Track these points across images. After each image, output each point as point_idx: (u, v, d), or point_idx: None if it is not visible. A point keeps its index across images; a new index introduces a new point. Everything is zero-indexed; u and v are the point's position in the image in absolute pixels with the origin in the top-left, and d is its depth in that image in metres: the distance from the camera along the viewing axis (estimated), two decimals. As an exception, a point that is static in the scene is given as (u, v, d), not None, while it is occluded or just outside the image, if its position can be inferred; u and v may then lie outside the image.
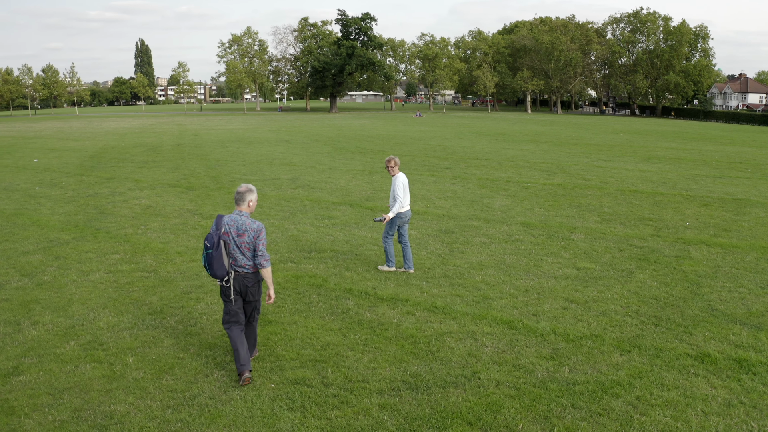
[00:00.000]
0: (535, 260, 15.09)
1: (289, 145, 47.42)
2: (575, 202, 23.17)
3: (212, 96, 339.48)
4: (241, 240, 8.86)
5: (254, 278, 9.04)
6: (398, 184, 13.60)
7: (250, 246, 8.89)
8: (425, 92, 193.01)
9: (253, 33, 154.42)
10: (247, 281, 9.01)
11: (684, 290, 12.99)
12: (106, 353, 9.83)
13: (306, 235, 17.57)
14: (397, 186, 13.59)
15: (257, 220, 9.07)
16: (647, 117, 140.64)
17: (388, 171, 13.71)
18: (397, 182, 13.63)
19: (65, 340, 10.37)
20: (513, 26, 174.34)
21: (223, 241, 8.82)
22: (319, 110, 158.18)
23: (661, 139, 58.91)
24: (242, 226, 8.87)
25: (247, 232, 8.85)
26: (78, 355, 9.77)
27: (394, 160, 13.70)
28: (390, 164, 13.68)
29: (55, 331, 10.72)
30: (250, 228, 8.87)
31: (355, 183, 27.44)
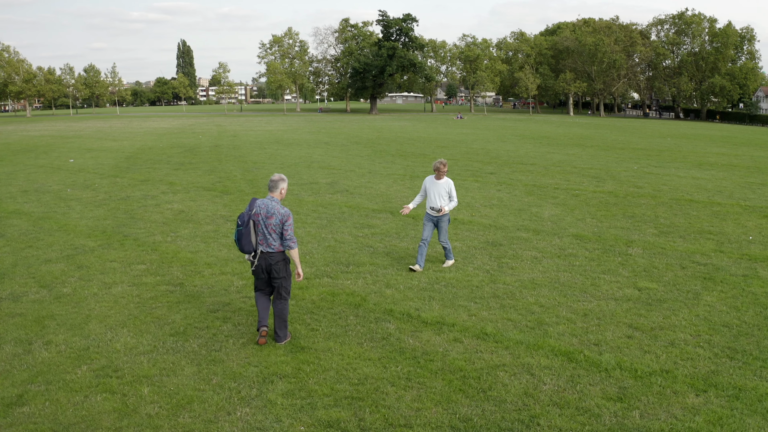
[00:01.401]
0: (591, 278, 13.90)
1: (328, 147, 46.47)
2: (629, 212, 21.90)
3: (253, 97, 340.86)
4: (269, 222, 9.91)
5: (279, 257, 10.03)
6: (452, 186, 14.23)
7: (276, 228, 9.92)
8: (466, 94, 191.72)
9: (293, 34, 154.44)
10: (272, 259, 10.00)
11: (757, 316, 11.75)
12: (119, 382, 8.86)
13: (344, 245, 16.52)
14: (452, 187, 14.21)
15: (285, 207, 10.34)
16: (692, 120, 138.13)
17: (437, 173, 14.14)
18: (451, 185, 14.23)
19: (77, 364, 9.44)
20: (555, 27, 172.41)
21: (252, 221, 9.97)
22: (359, 111, 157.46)
23: (710, 144, 57.11)
24: (271, 210, 9.92)
25: (275, 216, 9.89)
26: (89, 383, 8.83)
27: (446, 165, 14.23)
28: (442, 168, 14.12)
29: (67, 353, 9.81)
30: (278, 212, 9.90)
31: (396, 188, 26.36)
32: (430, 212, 14.29)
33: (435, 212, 14.14)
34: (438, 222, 14.32)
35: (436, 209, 14.10)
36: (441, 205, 14.10)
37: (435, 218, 14.28)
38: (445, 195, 14.16)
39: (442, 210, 14.07)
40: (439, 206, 14.08)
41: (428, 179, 14.39)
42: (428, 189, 14.31)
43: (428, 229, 14.30)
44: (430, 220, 14.34)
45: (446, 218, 14.37)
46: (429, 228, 14.31)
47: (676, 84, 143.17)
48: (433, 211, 14.18)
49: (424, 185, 14.44)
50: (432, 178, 14.31)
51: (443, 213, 14.14)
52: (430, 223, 14.34)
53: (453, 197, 14.22)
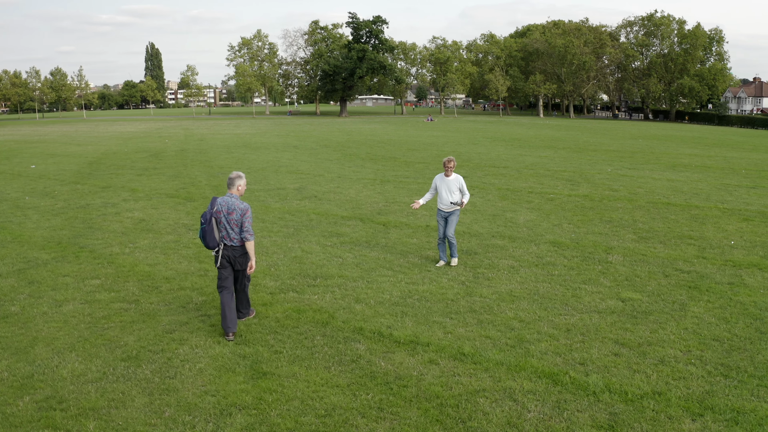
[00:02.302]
0: (572, 289, 13.20)
1: (297, 151, 45.55)
2: (606, 216, 21.28)
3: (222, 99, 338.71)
4: (231, 218, 10.52)
5: (241, 250, 10.67)
6: (462, 182, 14.73)
7: (237, 223, 10.56)
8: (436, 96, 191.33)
9: (263, 36, 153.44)
10: (235, 252, 10.64)
11: (747, 328, 11.12)
12: (63, 415, 8.02)
13: (311, 256, 15.69)
14: (463, 183, 14.75)
15: (245, 202, 10.71)
16: (661, 121, 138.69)
17: (446, 170, 14.61)
18: (461, 180, 14.74)
19: (20, 394, 8.59)
20: (525, 29, 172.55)
21: (214, 219, 10.55)
22: (329, 114, 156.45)
23: (682, 145, 56.89)
24: (232, 206, 10.53)
25: (236, 211, 10.52)
26: (31, 417, 7.98)
27: (454, 162, 14.63)
28: (450, 165, 14.56)
29: (10, 381, 8.95)
30: (238, 207, 10.53)
31: (366, 194, 25.56)
32: (442, 208, 14.80)
33: (452, 206, 14.67)
34: (448, 216, 14.79)
35: (456, 203, 14.63)
36: (456, 199, 14.63)
37: (446, 214, 14.78)
38: (456, 191, 14.66)
39: (462, 203, 14.69)
40: (457, 200, 14.63)
41: (438, 177, 14.87)
42: (439, 186, 14.80)
43: (442, 226, 14.89)
44: (442, 217, 14.86)
45: (456, 213, 14.83)
46: (443, 225, 14.89)
47: (645, 85, 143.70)
48: (449, 206, 14.69)
49: (434, 183, 14.94)
50: (442, 175, 14.80)
51: (462, 206, 14.76)
52: (443, 219, 14.87)
53: (465, 192, 14.75)
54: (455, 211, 14.83)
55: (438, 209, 14.97)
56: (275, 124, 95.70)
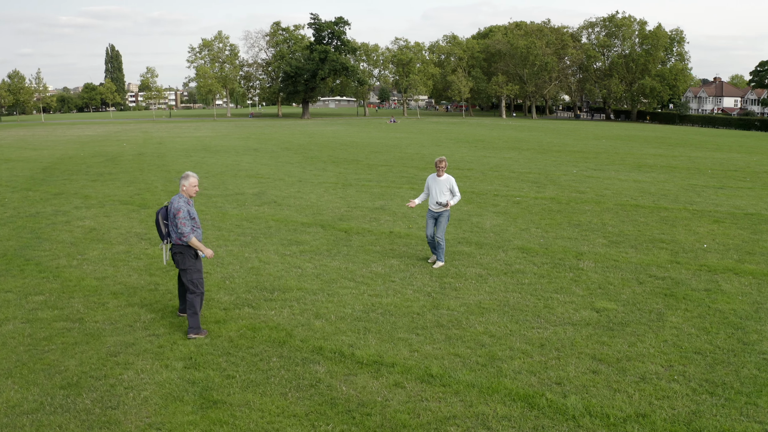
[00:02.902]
0: (543, 299, 12.55)
1: (257, 154, 44.51)
2: (574, 219, 20.72)
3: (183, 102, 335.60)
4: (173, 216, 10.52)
5: (177, 249, 10.64)
6: (453, 182, 14.83)
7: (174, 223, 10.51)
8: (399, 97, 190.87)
9: (224, 37, 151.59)
10: (173, 250, 10.72)
11: (729, 338, 10.56)
12: (-11, 455, 7.17)
13: (269, 267, 14.86)
14: (454, 183, 14.83)
15: (183, 203, 10.61)
16: (622, 121, 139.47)
17: (438, 171, 14.71)
18: (452, 181, 14.81)
19: (-57, 430, 7.71)
20: (487, 31, 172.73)
21: (160, 215, 10.82)
22: (291, 116, 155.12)
23: (646, 145, 56.79)
24: (172, 205, 10.61)
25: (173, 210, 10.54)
26: (-48, 457, 7.12)
27: (445, 162, 14.73)
28: (442, 165, 14.64)
29: (-66, 415, 8.06)
30: (174, 207, 10.54)
31: (328, 198, 24.75)
32: (432, 208, 14.89)
33: (441, 206, 14.71)
34: (438, 217, 14.85)
35: (442, 203, 14.65)
36: (445, 199, 14.65)
37: (436, 214, 14.86)
38: (446, 191, 14.73)
39: (448, 204, 14.64)
40: (445, 200, 14.63)
41: (430, 177, 15.03)
42: (430, 186, 14.93)
43: (431, 226, 14.97)
44: (432, 217, 14.95)
45: (446, 215, 14.86)
46: (431, 225, 14.97)
47: (606, 86, 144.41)
48: (438, 206, 14.74)
49: (427, 183, 15.09)
50: (434, 176, 14.93)
51: (448, 207, 14.72)
52: (432, 219, 14.95)
53: (455, 192, 14.86)
54: (444, 213, 14.83)
55: (428, 209, 15.06)
56: (236, 127, 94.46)
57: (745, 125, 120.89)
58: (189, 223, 10.56)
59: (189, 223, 10.56)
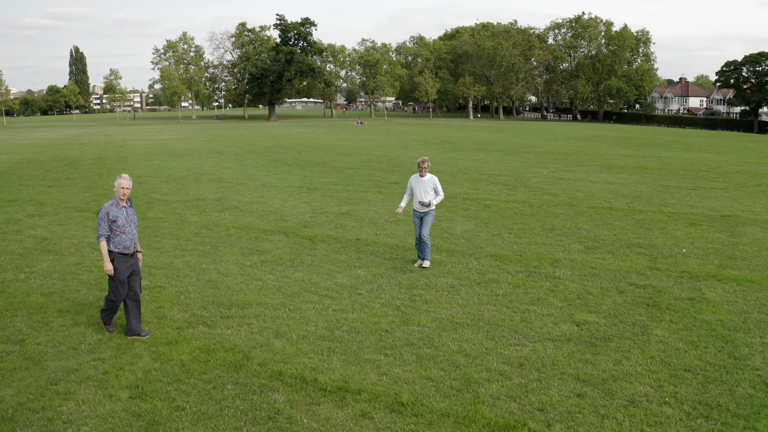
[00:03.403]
0: (520, 312, 11.77)
1: (220, 158, 43.33)
2: (547, 224, 20.02)
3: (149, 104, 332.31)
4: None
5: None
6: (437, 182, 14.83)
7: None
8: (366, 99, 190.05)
9: (188, 39, 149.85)
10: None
11: (719, 353, 9.87)
12: None
13: (227, 279, 13.92)
14: (437, 183, 14.83)
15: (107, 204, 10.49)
16: (589, 122, 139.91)
17: (421, 171, 14.69)
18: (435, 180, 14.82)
19: None
20: (454, 32, 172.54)
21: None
22: (257, 118, 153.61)
23: (614, 145, 56.46)
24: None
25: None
26: None
27: (428, 162, 14.72)
28: (424, 165, 14.63)
29: None
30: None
31: (292, 203, 23.81)
32: (417, 208, 14.80)
33: (424, 206, 14.63)
34: (423, 216, 14.74)
35: (424, 203, 14.58)
36: (429, 199, 14.58)
37: (421, 214, 14.76)
38: (430, 191, 14.67)
39: (431, 204, 14.60)
40: (428, 200, 14.57)
41: (413, 178, 14.96)
42: (414, 187, 14.85)
43: (418, 227, 14.82)
44: (418, 217, 14.84)
45: (431, 214, 14.78)
46: (418, 225, 14.82)
47: (573, 86, 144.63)
48: (421, 206, 14.68)
49: (409, 184, 15.03)
50: (416, 176, 14.88)
51: (431, 207, 14.67)
52: (418, 219, 14.84)
53: (439, 191, 14.80)
54: (430, 212, 14.77)
55: (413, 210, 14.94)
56: (201, 129, 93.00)
57: (711, 125, 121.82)
58: (105, 225, 10.31)
59: (105, 225, 10.31)
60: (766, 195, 26.84)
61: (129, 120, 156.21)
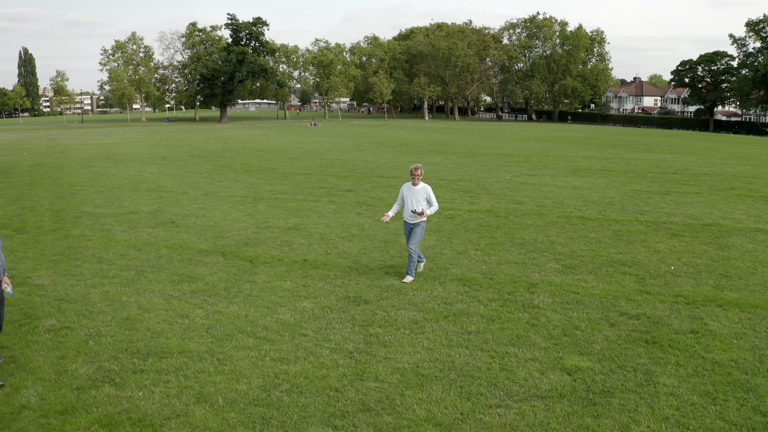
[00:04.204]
0: (498, 356, 9.79)
1: (164, 163, 40.59)
2: (517, 237, 18.12)
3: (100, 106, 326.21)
4: None
5: None
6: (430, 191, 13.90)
7: None
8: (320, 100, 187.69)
9: (138, 39, 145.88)
10: None
11: (743, 408, 8.12)
12: None
13: (149, 317, 11.67)
14: (431, 192, 13.89)
15: None
16: (545, 122, 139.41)
17: (413, 179, 13.80)
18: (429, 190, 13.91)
19: None
20: (409, 32, 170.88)
21: None
22: (209, 120, 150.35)
23: (575, 146, 54.96)
24: None
25: None
26: None
27: (421, 170, 13.83)
28: (418, 173, 13.75)
29: None
30: None
31: (234, 216, 21.51)
32: (408, 218, 13.95)
33: (415, 216, 13.80)
34: (413, 227, 13.93)
35: (417, 212, 13.71)
36: (421, 208, 13.71)
37: (412, 225, 13.95)
38: (423, 201, 13.82)
39: (424, 213, 13.71)
40: (420, 209, 13.69)
41: (405, 186, 14.08)
42: (405, 196, 13.98)
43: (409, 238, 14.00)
44: (408, 228, 14.04)
45: (422, 225, 13.94)
46: (409, 237, 14.01)
47: (528, 86, 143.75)
48: (413, 216, 13.84)
49: (401, 192, 14.14)
50: (409, 184, 13.99)
51: (424, 217, 13.80)
52: (409, 231, 14.03)
53: (432, 202, 13.92)
54: (420, 223, 13.92)
55: (404, 220, 14.11)
56: (149, 132, 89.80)
57: (667, 124, 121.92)
58: None
59: None
60: (742, 199, 25.33)
61: (77, 123, 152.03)
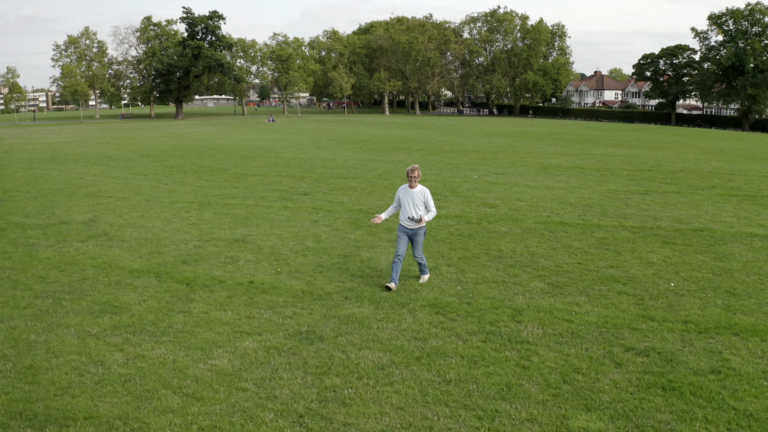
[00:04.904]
0: (487, 418, 7.81)
1: (109, 164, 37.67)
2: (493, 247, 16.18)
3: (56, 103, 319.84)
4: None
5: None
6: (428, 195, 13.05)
7: None
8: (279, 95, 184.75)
9: (91, 34, 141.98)
10: None
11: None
12: None
13: (57, 364, 9.39)
14: (429, 196, 13.05)
15: None
16: (506, 116, 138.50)
17: (410, 181, 12.88)
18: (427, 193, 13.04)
19: None
20: (369, 26, 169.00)
21: None
22: (165, 116, 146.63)
23: (541, 142, 53.32)
24: None
25: None
26: None
27: (419, 171, 12.96)
28: (415, 174, 12.87)
29: None
30: None
31: (176, 226, 19.17)
32: (405, 224, 13.05)
33: (413, 223, 12.91)
34: (413, 236, 13.11)
35: (414, 219, 12.84)
36: (420, 214, 12.82)
37: (410, 231, 13.06)
38: (420, 205, 12.96)
39: (422, 220, 12.84)
40: (418, 216, 12.83)
41: (401, 189, 13.20)
42: (402, 199, 13.08)
43: (403, 243, 13.07)
44: (404, 233, 13.10)
45: (422, 231, 13.17)
46: (404, 242, 13.08)
47: (489, 81, 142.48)
48: (410, 222, 12.95)
49: (397, 195, 13.22)
50: (405, 187, 13.10)
51: (422, 224, 12.93)
52: (405, 236, 13.11)
53: (430, 207, 13.08)
54: (420, 229, 13.07)
55: (400, 224, 13.14)
56: (101, 130, 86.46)
57: (629, 118, 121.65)
58: None
59: None
60: (726, 199, 23.71)
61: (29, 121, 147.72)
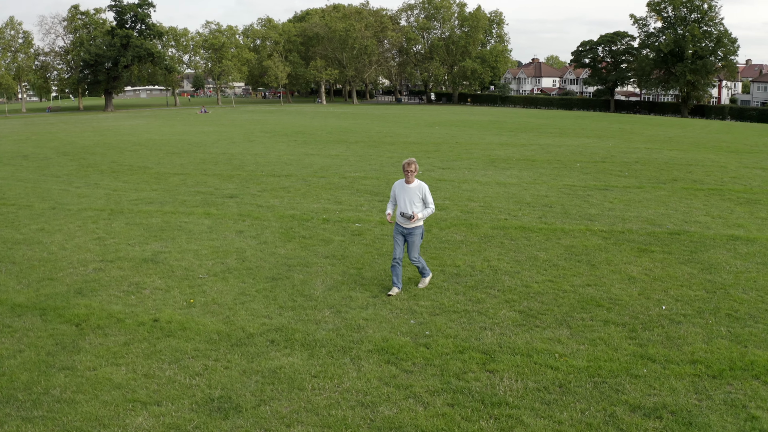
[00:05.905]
0: None
1: (21, 165, 33.81)
2: (448, 262, 13.93)
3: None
4: None
5: None
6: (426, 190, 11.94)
7: None
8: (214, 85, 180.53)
9: (16, 24, 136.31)
10: None
11: None
12: None
13: None
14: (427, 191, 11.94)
15: None
16: (444, 104, 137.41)
17: (407, 176, 11.86)
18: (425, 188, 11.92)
19: None
20: (304, 14, 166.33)
21: None
22: (94, 109, 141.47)
23: (484, 131, 51.37)
24: None
25: None
26: None
27: (416, 165, 11.93)
28: (411, 169, 11.82)
29: None
30: None
31: (79, 241, 16.32)
32: (400, 222, 12.03)
33: (406, 219, 11.84)
34: (408, 236, 12.03)
35: (407, 215, 11.79)
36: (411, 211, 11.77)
37: (405, 231, 12.03)
38: (418, 202, 11.92)
39: (414, 216, 11.77)
40: (410, 212, 11.77)
41: (397, 184, 12.20)
42: (398, 196, 12.09)
43: (399, 245, 12.06)
44: (400, 233, 12.09)
45: (418, 231, 12.05)
46: (400, 243, 12.08)
47: (427, 69, 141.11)
48: (403, 219, 11.92)
49: (393, 191, 12.26)
50: (401, 182, 12.10)
51: (415, 220, 11.86)
52: (401, 236, 12.10)
53: (428, 203, 12.02)
54: (416, 229, 12.00)
55: (395, 223, 12.17)
56: (24, 125, 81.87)
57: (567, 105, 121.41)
58: None
59: None
60: (693, 194, 21.95)
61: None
